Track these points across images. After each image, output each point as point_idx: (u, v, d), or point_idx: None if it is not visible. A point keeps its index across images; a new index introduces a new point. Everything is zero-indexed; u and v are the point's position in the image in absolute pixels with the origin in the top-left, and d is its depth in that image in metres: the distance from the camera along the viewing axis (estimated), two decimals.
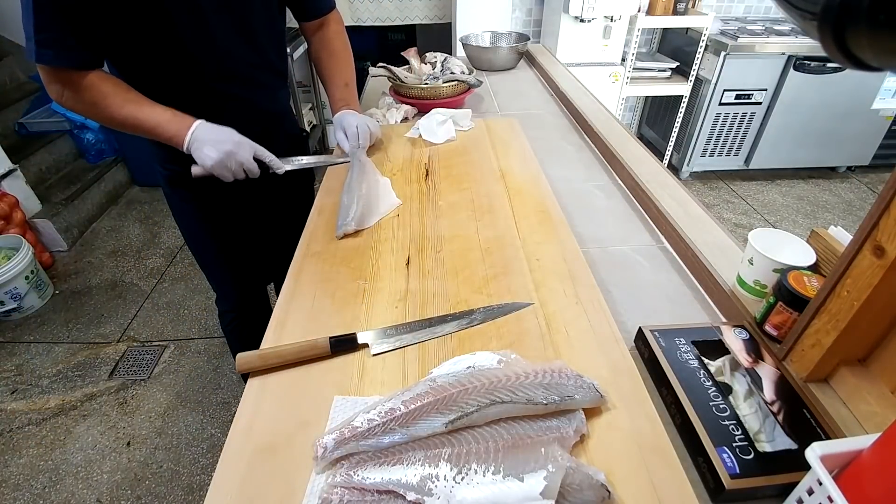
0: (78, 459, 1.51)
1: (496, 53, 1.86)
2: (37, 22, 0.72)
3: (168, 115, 0.84)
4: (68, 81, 0.78)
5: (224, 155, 0.85)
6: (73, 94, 0.79)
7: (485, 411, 0.50)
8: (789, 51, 2.53)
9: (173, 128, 0.84)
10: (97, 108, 0.81)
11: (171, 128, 0.84)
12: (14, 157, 2.32)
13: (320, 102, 3.16)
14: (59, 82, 0.78)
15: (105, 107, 0.81)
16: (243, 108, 0.95)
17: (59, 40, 0.74)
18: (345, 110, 1.08)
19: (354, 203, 0.88)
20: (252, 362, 0.60)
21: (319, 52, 1.10)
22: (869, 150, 2.90)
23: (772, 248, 0.65)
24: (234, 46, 0.88)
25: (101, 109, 0.81)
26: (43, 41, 0.73)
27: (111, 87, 0.81)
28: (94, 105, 0.81)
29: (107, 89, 0.81)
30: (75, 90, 0.79)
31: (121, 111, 0.81)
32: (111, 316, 2.07)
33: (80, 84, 0.79)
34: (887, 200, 0.46)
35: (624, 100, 2.73)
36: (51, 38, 0.73)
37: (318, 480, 0.48)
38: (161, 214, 2.74)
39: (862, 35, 0.20)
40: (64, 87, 0.78)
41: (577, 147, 1.29)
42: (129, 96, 0.83)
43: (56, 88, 0.79)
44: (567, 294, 0.71)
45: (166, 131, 0.84)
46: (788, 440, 0.51)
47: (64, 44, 0.74)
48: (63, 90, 0.79)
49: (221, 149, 0.85)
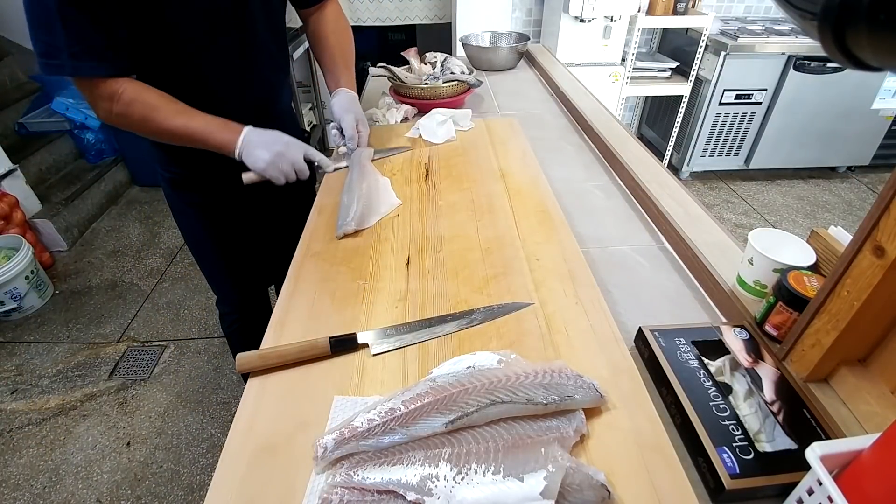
0: (78, 459, 1.51)
1: (496, 53, 1.86)
2: (67, 34, 0.70)
3: (218, 122, 0.85)
4: (115, 96, 0.76)
5: (275, 155, 0.85)
6: (123, 109, 0.78)
7: (485, 411, 0.50)
8: (789, 51, 2.53)
9: (225, 135, 0.85)
10: (148, 122, 0.80)
11: (223, 135, 0.85)
12: (14, 157, 2.33)
13: (320, 102, 3.17)
14: (107, 98, 0.76)
15: (156, 120, 0.80)
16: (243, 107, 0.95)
17: (93, 49, 0.72)
18: (342, 91, 1.03)
19: (354, 203, 0.88)
20: (252, 362, 0.60)
21: (317, 29, 1.06)
22: (869, 150, 2.90)
23: (772, 248, 0.65)
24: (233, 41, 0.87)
25: (152, 123, 0.80)
26: (77, 53, 0.71)
27: (156, 98, 0.80)
28: (145, 119, 0.80)
29: (154, 101, 0.80)
30: (125, 105, 0.78)
31: (173, 122, 0.81)
32: (111, 316, 2.07)
33: (127, 97, 0.77)
34: (887, 200, 0.46)
35: (624, 100, 2.73)
36: (84, 49, 0.71)
37: (318, 480, 0.48)
38: (161, 214, 2.74)
39: (862, 35, 0.20)
40: (113, 103, 0.77)
41: (577, 147, 1.29)
42: (177, 107, 0.82)
43: (104, 105, 0.77)
44: (567, 294, 0.71)
45: (218, 139, 0.84)
46: (788, 440, 0.51)
47: (101, 53, 0.73)
48: (112, 106, 0.77)
49: (272, 149, 0.85)
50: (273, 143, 0.87)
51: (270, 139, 0.87)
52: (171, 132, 0.82)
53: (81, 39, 0.71)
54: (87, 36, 0.71)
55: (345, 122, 1.00)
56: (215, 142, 0.85)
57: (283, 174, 0.88)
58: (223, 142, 0.85)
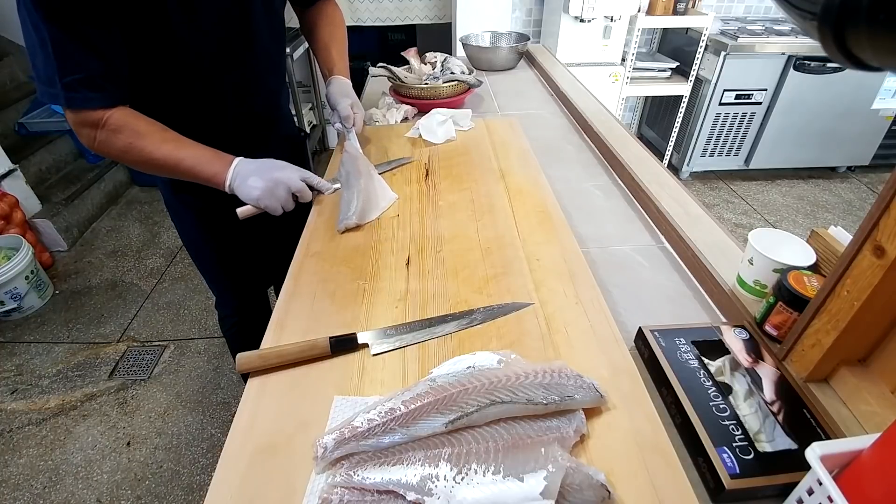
0: (78, 459, 1.51)
1: (496, 53, 1.86)
2: (60, 64, 0.67)
3: (209, 153, 0.80)
4: (101, 123, 0.73)
5: (271, 182, 0.80)
6: (107, 137, 0.74)
7: (485, 411, 0.50)
8: (789, 51, 2.53)
9: (215, 166, 0.80)
10: (133, 150, 0.76)
11: (212, 167, 0.80)
12: (14, 157, 2.33)
13: (320, 102, 3.16)
14: (91, 125, 0.73)
15: (141, 148, 0.76)
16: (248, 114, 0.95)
17: (86, 81, 0.69)
18: (335, 78, 1.06)
19: (355, 198, 0.88)
20: (252, 362, 0.60)
21: (311, 20, 1.09)
22: (869, 150, 2.90)
23: (772, 248, 0.65)
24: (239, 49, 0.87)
25: (137, 151, 0.76)
26: (70, 84, 0.68)
27: (145, 125, 0.77)
28: (129, 147, 0.75)
29: (141, 128, 0.76)
30: (109, 132, 0.74)
31: (159, 151, 0.77)
32: (111, 316, 2.07)
33: (113, 125, 0.74)
34: (887, 200, 0.46)
35: (624, 100, 2.73)
36: (76, 81, 0.68)
37: (318, 480, 0.48)
38: (161, 214, 2.75)
39: (862, 35, 0.20)
40: (97, 130, 0.73)
41: (577, 147, 1.29)
42: (166, 136, 0.78)
43: (87, 133, 0.74)
44: (567, 294, 0.71)
45: (206, 170, 0.80)
46: (788, 440, 0.51)
47: (93, 84, 0.70)
48: (96, 134, 0.74)
49: (267, 176, 0.80)
50: (267, 170, 0.82)
51: (264, 167, 0.82)
52: (157, 162, 0.77)
53: (75, 69, 0.68)
54: (81, 66, 0.68)
55: (340, 105, 1.02)
56: (204, 173, 0.80)
57: (281, 202, 0.83)
58: (212, 173, 0.80)
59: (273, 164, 0.84)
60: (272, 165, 0.83)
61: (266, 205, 0.82)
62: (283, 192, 0.82)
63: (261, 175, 0.80)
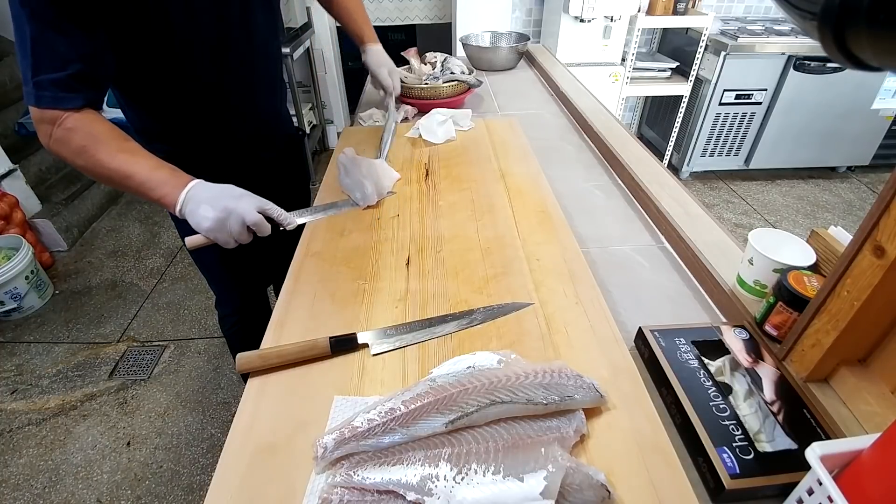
0: (78, 459, 1.51)
1: (496, 53, 1.86)
2: (34, 63, 0.65)
3: (164, 173, 0.73)
4: (57, 120, 0.69)
5: (222, 213, 0.72)
6: (62, 135, 0.70)
7: (485, 411, 0.50)
8: (789, 51, 2.53)
9: (166, 187, 0.73)
10: (86, 154, 0.71)
11: (163, 186, 0.73)
12: (14, 157, 2.33)
13: (320, 102, 3.16)
14: (50, 122, 0.69)
15: (93, 153, 0.70)
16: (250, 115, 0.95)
17: (58, 82, 0.67)
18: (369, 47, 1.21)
19: (366, 181, 0.93)
20: (252, 362, 0.60)
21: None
22: (869, 150, 2.90)
23: (772, 248, 0.65)
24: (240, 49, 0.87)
25: (90, 156, 0.71)
26: (41, 83, 0.66)
27: (106, 131, 0.72)
28: (82, 150, 0.70)
29: (99, 133, 0.71)
30: (66, 131, 0.70)
31: (111, 160, 0.71)
32: (111, 316, 2.07)
33: (70, 124, 0.70)
34: (887, 200, 0.46)
35: (624, 100, 2.73)
36: (49, 80, 0.66)
37: (318, 480, 0.48)
38: (161, 214, 2.74)
39: (862, 35, 0.20)
40: (53, 127, 0.69)
41: (577, 147, 1.29)
42: (124, 146, 0.72)
43: (45, 129, 0.70)
44: (567, 294, 0.71)
45: (157, 189, 0.72)
46: (788, 440, 0.51)
47: (65, 85, 0.67)
48: (52, 130, 0.69)
49: (218, 205, 0.72)
50: (219, 198, 0.72)
51: (218, 193, 0.73)
52: (108, 172, 0.71)
53: (49, 68, 0.66)
54: (56, 65, 0.66)
55: (380, 74, 1.19)
56: (154, 194, 0.72)
57: (234, 235, 0.74)
58: (161, 194, 0.72)
59: (230, 192, 0.75)
60: (227, 193, 0.74)
61: (216, 237, 0.74)
62: (237, 226, 0.73)
63: (213, 204, 0.72)
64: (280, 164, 1.09)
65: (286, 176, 1.13)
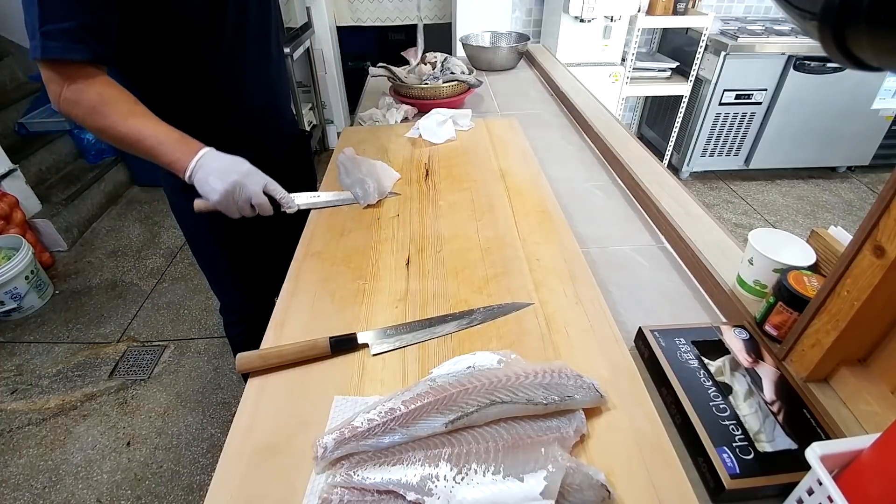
0: (78, 459, 1.51)
1: (496, 53, 1.86)
2: (42, 13, 0.65)
3: (175, 136, 0.76)
4: (71, 78, 0.69)
5: (231, 185, 0.75)
6: (73, 94, 0.70)
7: (485, 411, 0.50)
8: (789, 51, 2.53)
9: (178, 151, 0.75)
10: (96, 114, 0.72)
11: (175, 150, 0.75)
12: (14, 157, 2.32)
13: (320, 102, 3.17)
14: (61, 80, 0.69)
15: (106, 114, 0.72)
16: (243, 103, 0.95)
17: (67, 31, 0.66)
18: None
19: (368, 180, 0.94)
20: (252, 362, 0.60)
21: None
22: (869, 150, 2.90)
23: (772, 248, 0.65)
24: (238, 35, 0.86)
25: (101, 117, 0.72)
26: (49, 33, 0.65)
27: (116, 93, 0.73)
28: (93, 110, 0.71)
29: (111, 95, 0.72)
30: (77, 91, 0.70)
31: (123, 122, 0.72)
32: (111, 316, 2.07)
33: (83, 83, 0.70)
34: (887, 200, 0.46)
35: (624, 100, 2.74)
36: (58, 30, 0.66)
37: (318, 480, 0.48)
38: (161, 214, 2.74)
39: (862, 35, 0.20)
40: (65, 85, 0.69)
41: (577, 147, 1.29)
42: (136, 109, 0.74)
43: (55, 88, 0.70)
44: (567, 294, 0.71)
45: (169, 153, 0.75)
46: (788, 440, 0.51)
47: (74, 34, 0.67)
48: (63, 89, 0.70)
49: (228, 179, 0.75)
50: (229, 172, 0.76)
51: (228, 166, 0.77)
52: (121, 133, 0.73)
53: (57, 17, 0.65)
54: (65, 14, 0.66)
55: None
56: (166, 155, 0.75)
57: (238, 208, 0.78)
58: (174, 157, 0.75)
59: (238, 166, 0.78)
60: (236, 167, 0.78)
61: (224, 208, 0.78)
62: (242, 200, 0.78)
63: (222, 177, 0.75)
64: (287, 164, 1.08)
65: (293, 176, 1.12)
